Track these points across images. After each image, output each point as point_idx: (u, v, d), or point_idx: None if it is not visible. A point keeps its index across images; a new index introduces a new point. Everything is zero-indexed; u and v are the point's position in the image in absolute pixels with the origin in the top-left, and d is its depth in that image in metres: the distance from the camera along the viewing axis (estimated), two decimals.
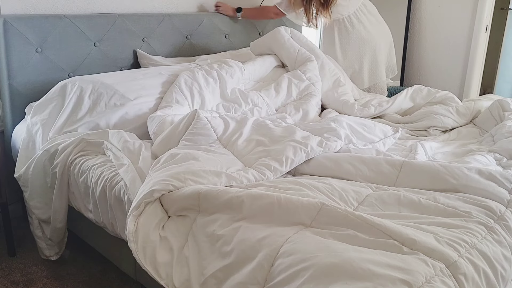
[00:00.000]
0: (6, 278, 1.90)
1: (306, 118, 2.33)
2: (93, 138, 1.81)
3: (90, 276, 1.94)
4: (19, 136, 2.07)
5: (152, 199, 1.40)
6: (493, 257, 1.19)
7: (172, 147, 1.71)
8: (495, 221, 1.32)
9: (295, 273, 1.09)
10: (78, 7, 2.30)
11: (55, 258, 1.97)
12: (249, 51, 2.80)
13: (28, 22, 2.07)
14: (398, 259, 1.09)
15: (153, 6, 2.58)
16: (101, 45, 2.32)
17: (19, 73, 2.09)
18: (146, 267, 1.30)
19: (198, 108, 2.13)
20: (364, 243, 1.17)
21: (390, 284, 1.00)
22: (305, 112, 2.35)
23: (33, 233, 1.96)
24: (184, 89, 2.13)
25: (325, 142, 1.75)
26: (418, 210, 1.38)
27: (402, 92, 2.53)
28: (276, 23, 3.12)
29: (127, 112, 2.00)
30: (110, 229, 1.66)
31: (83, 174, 1.72)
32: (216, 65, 2.35)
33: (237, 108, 2.22)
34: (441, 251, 1.13)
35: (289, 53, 2.63)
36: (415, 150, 1.89)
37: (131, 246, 1.33)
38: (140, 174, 1.60)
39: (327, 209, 1.27)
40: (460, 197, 1.44)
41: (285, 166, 1.63)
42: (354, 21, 2.92)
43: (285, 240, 1.18)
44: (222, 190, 1.38)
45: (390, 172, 1.60)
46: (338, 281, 1.03)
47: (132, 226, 1.36)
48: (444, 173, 1.54)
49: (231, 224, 1.29)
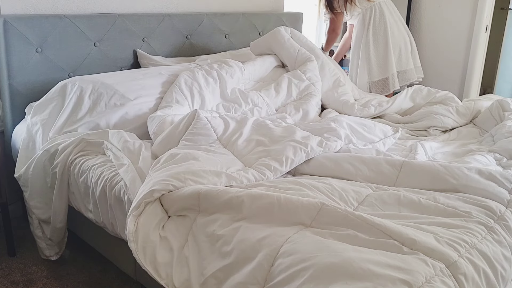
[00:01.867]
0: (6, 278, 1.90)
1: (306, 118, 2.33)
2: (93, 138, 1.81)
3: (90, 276, 1.94)
4: (19, 136, 2.07)
5: (152, 199, 1.40)
6: (493, 257, 1.19)
7: (172, 147, 1.71)
8: (495, 221, 1.32)
9: (295, 273, 1.09)
10: (78, 7, 2.30)
11: (55, 258, 1.97)
12: (249, 51, 2.80)
13: (28, 22, 2.07)
14: (398, 259, 1.09)
15: (153, 6, 2.58)
16: (101, 45, 2.32)
17: (19, 73, 2.09)
18: (146, 267, 1.30)
19: (198, 108, 2.12)
20: (364, 243, 1.17)
21: (390, 284, 1.00)
22: (305, 112, 2.35)
23: (33, 233, 1.96)
24: (184, 89, 2.13)
25: (325, 142, 1.76)
26: (418, 210, 1.38)
27: (402, 92, 2.54)
28: (276, 23, 3.12)
29: (127, 112, 2.00)
30: (110, 229, 1.66)
31: (83, 174, 1.72)
32: (216, 65, 2.34)
33: (237, 108, 2.22)
34: (441, 251, 1.13)
35: (289, 53, 2.63)
36: (415, 150, 1.89)
37: (131, 246, 1.33)
38: (140, 174, 1.60)
39: (327, 209, 1.27)
40: (460, 197, 1.44)
41: (285, 166, 1.63)
42: (384, 9, 3.03)
43: (285, 240, 1.18)
44: (222, 190, 1.38)
45: (390, 172, 1.60)
46: (338, 281, 1.03)
47: (132, 226, 1.36)
48: (444, 173, 1.55)
49: (231, 224, 1.29)
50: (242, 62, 2.46)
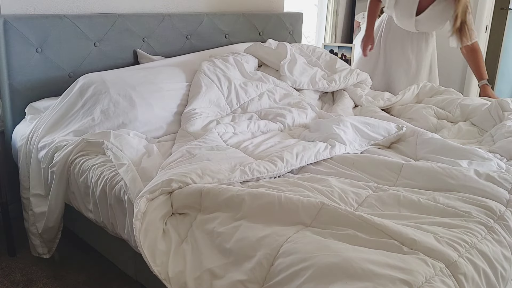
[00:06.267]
0: (6, 278, 1.91)
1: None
2: (94, 138, 1.81)
3: (90, 276, 1.94)
4: (19, 136, 2.06)
5: (169, 189, 1.41)
6: (493, 257, 1.19)
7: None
8: (495, 221, 1.32)
9: (295, 272, 1.09)
10: (78, 7, 2.30)
11: (47, 256, 1.96)
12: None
13: (28, 22, 2.07)
14: (398, 259, 1.09)
15: (153, 6, 2.58)
16: (101, 45, 2.33)
17: (19, 73, 2.09)
18: (144, 249, 1.29)
19: (226, 87, 2.29)
20: (364, 243, 1.17)
21: (390, 284, 1.01)
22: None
23: (27, 229, 1.95)
24: (209, 74, 2.28)
25: (330, 146, 1.80)
26: (418, 210, 1.38)
27: (410, 88, 2.65)
28: (276, 23, 3.12)
29: (143, 114, 2.01)
30: (110, 229, 1.66)
31: (83, 174, 1.72)
32: (230, 54, 2.51)
33: (263, 85, 2.40)
34: (441, 251, 1.13)
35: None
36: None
37: (136, 224, 1.32)
38: (142, 174, 1.60)
39: (327, 209, 1.27)
40: (460, 197, 1.44)
41: (295, 159, 1.66)
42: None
43: (285, 240, 1.19)
44: (224, 188, 1.39)
45: (390, 175, 1.63)
46: (338, 281, 1.04)
47: (143, 207, 1.36)
48: (442, 174, 1.56)
49: (232, 222, 1.30)
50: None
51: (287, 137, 1.99)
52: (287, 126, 2.14)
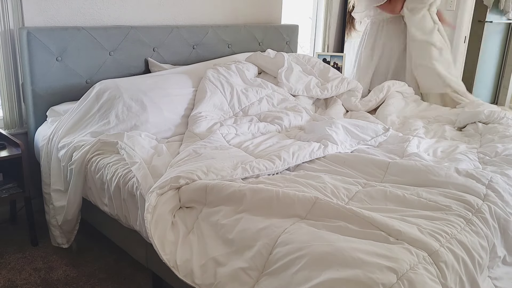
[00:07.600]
0: (29, 266, 1.91)
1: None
2: (109, 139, 1.81)
3: (106, 264, 1.94)
4: (41, 137, 2.06)
5: (177, 185, 1.42)
6: (471, 246, 1.20)
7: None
8: (473, 214, 1.32)
9: (291, 260, 1.10)
10: (94, 20, 2.30)
11: (66, 246, 1.96)
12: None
13: (49, 33, 2.07)
14: (385, 248, 1.10)
15: (163, 18, 2.58)
16: (115, 54, 2.33)
17: (41, 80, 2.09)
18: (154, 239, 1.29)
19: (229, 92, 2.29)
20: (354, 233, 1.17)
21: (378, 271, 1.01)
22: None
23: (48, 222, 1.95)
24: (213, 80, 2.28)
25: (323, 145, 1.80)
26: (403, 204, 1.38)
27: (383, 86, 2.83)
28: (274, 34, 3.12)
29: (153, 117, 2.00)
30: (123, 221, 1.66)
31: (99, 171, 1.72)
32: (232, 63, 2.50)
33: (262, 91, 2.40)
34: (424, 241, 1.13)
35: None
36: (408, 142, 1.93)
37: (147, 217, 1.32)
38: (153, 171, 1.60)
39: (321, 203, 1.27)
40: (441, 192, 1.44)
41: (292, 158, 1.66)
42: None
43: (282, 231, 1.19)
44: (227, 184, 1.39)
45: (377, 172, 1.63)
46: (330, 268, 1.04)
47: (154, 201, 1.36)
48: (426, 172, 1.56)
49: (234, 215, 1.30)
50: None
51: (284, 138, 1.99)
52: (284, 127, 2.14)
